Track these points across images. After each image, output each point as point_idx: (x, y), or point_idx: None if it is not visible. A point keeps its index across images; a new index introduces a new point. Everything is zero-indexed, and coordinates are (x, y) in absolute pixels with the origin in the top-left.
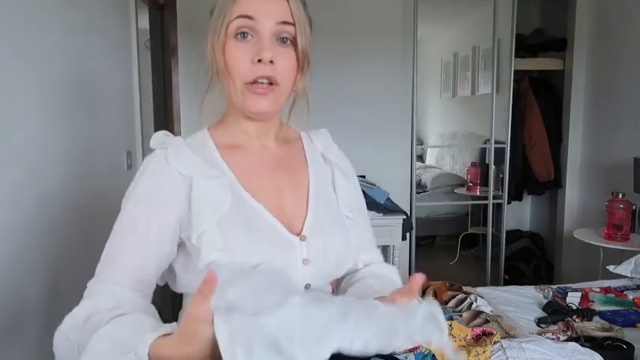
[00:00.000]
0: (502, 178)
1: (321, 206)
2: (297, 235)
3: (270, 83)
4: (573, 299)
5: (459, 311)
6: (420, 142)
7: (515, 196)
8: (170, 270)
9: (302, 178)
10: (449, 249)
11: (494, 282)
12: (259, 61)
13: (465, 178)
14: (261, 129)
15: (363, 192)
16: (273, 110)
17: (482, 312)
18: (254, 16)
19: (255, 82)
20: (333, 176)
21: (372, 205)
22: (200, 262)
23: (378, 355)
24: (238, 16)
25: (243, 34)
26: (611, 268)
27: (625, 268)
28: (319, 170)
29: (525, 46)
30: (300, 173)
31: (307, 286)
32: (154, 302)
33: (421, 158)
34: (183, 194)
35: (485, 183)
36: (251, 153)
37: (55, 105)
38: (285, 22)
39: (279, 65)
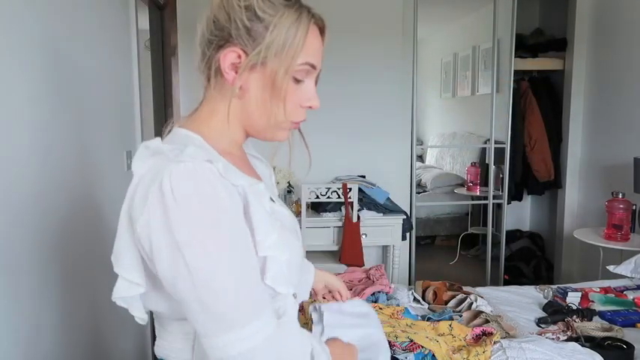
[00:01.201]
0: (502, 178)
1: (278, 201)
2: None
3: None
4: (573, 299)
5: (459, 311)
6: (420, 142)
7: (515, 196)
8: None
9: (259, 178)
10: (449, 249)
11: (494, 282)
12: (309, 107)
13: (465, 178)
14: (243, 139)
15: (363, 192)
16: None
17: (482, 312)
18: (317, 66)
19: (298, 122)
20: (263, 170)
21: (372, 205)
22: (267, 276)
23: None
24: (306, 64)
25: (300, 80)
26: (611, 268)
27: (625, 268)
28: (258, 169)
29: (525, 46)
30: (257, 175)
31: None
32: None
33: (421, 158)
34: (242, 206)
35: (485, 183)
36: (239, 159)
37: (54, 105)
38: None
39: None
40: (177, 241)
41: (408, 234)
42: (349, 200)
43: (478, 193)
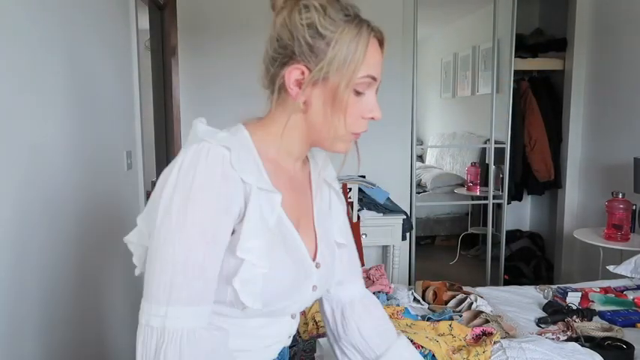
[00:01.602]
0: (502, 178)
1: (323, 234)
2: (313, 261)
3: None
4: (573, 299)
5: (459, 311)
6: (420, 142)
7: (515, 196)
8: None
9: (309, 202)
10: (449, 249)
11: (494, 282)
12: (371, 118)
13: (465, 178)
14: (304, 153)
15: (363, 192)
16: None
17: (482, 312)
18: (377, 78)
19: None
20: (330, 201)
21: (372, 205)
22: (237, 278)
23: None
24: (367, 76)
25: (361, 92)
26: (611, 268)
27: (625, 268)
28: (320, 195)
29: (525, 46)
30: (308, 197)
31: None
32: None
33: (421, 158)
34: (241, 202)
35: (485, 183)
36: (285, 171)
37: (54, 105)
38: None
39: None
40: (161, 203)
41: (408, 234)
42: (349, 200)
43: (478, 193)
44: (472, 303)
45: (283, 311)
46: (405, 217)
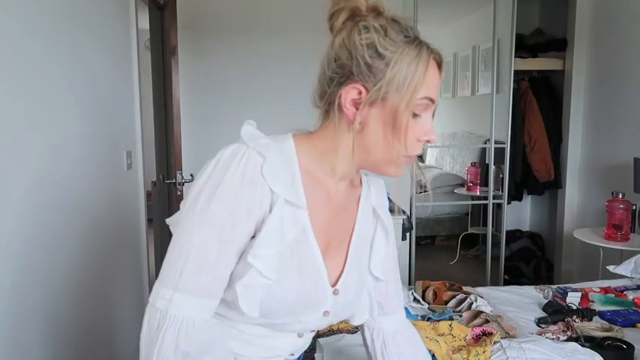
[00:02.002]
0: (502, 178)
1: (355, 263)
2: (332, 287)
3: None
4: (573, 299)
5: (459, 311)
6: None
7: (515, 196)
8: None
9: (349, 226)
10: (449, 249)
11: (495, 282)
12: (427, 140)
13: (465, 178)
14: (350, 174)
15: None
16: None
17: (482, 312)
18: (435, 100)
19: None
20: (374, 232)
21: None
22: (241, 282)
23: None
24: (425, 98)
25: (418, 114)
26: (611, 268)
27: (625, 268)
28: (365, 223)
29: (525, 46)
30: (349, 222)
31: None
32: None
33: (421, 158)
34: (266, 209)
35: (485, 183)
36: (326, 190)
37: (54, 105)
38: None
39: None
40: (191, 192)
41: (408, 234)
42: None
43: (478, 193)
44: (472, 303)
45: (285, 327)
46: (405, 217)
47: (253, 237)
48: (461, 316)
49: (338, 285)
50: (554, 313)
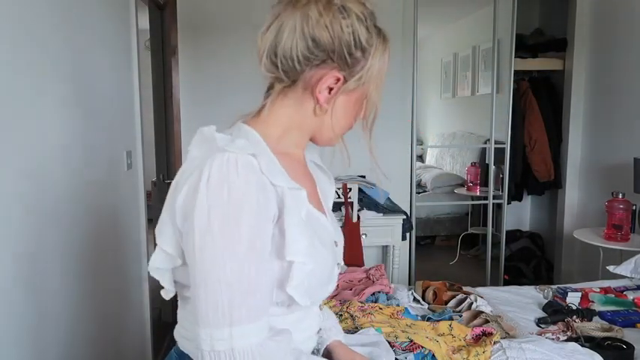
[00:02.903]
0: (502, 178)
1: (329, 212)
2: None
3: None
4: (573, 299)
5: (459, 311)
6: (420, 142)
7: (515, 196)
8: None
9: (313, 185)
10: (449, 249)
11: (494, 282)
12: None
13: (465, 178)
14: (306, 144)
15: (363, 192)
16: None
17: (482, 312)
18: None
19: None
20: (318, 180)
21: (372, 205)
22: (289, 284)
23: None
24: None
25: None
26: (611, 268)
27: (625, 269)
28: (318, 178)
29: (525, 46)
30: (312, 181)
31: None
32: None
33: (421, 158)
34: (275, 206)
35: (485, 183)
36: (297, 161)
37: (54, 105)
38: None
39: None
40: (196, 224)
41: (408, 234)
42: (349, 200)
43: (478, 193)
44: (472, 303)
45: (319, 300)
46: (405, 217)
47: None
48: (461, 316)
49: (335, 237)
50: (554, 313)
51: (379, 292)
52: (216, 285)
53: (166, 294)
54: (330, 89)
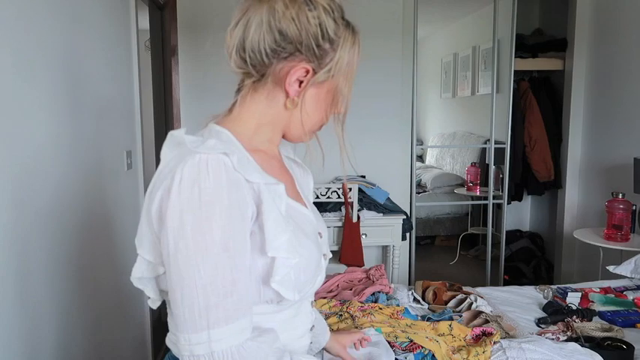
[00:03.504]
0: (502, 178)
1: (311, 205)
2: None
3: None
4: (573, 299)
5: (459, 311)
6: (420, 142)
7: (515, 196)
8: None
9: (291, 179)
10: (449, 249)
11: (494, 282)
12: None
13: (465, 178)
14: (280, 140)
15: (363, 192)
16: None
17: (482, 312)
18: None
19: None
20: (295, 174)
21: (372, 205)
22: (273, 279)
23: None
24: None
25: None
26: (611, 268)
27: (625, 269)
28: (295, 172)
29: (525, 46)
30: (290, 176)
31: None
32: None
33: (421, 158)
34: (252, 204)
35: (485, 183)
36: (272, 157)
37: (54, 105)
38: None
39: None
40: (168, 227)
41: (408, 234)
42: (349, 200)
43: (478, 194)
44: (472, 303)
45: (308, 294)
46: (405, 217)
47: (251, 234)
48: (461, 316)
49: (319, 229)
50: (554, 314)
51: (379, 292)
52: (192, 288)
53: (153, 303)
54: (300, 82)
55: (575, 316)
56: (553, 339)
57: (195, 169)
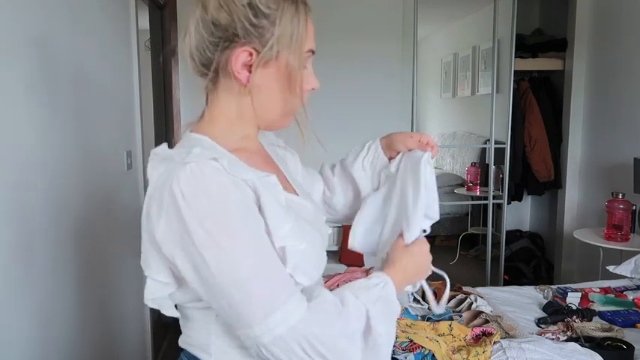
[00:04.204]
0: (502, 178)
1: (301, 191)
2: None
3: None
4: (573, 299)
5: (459, 311)
6: None
7: (515, 196)
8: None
9: (278, 170)
10: (449, 249)
11: (494, 282)
12: (312, 89)
13: (465, 178)
14: (257, 132)
15: None
16: None
17: (482, 312)
18: (315, 51)
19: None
20: (285, 158)
21: None
22: (288, 264)
23: None
24: (309, 51)
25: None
26: (611, 268)
27: (625, 269)
28: (277, 158)
29: (525, 46)
30: (276, 167)
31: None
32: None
33: None
34: (255, 200)
35: (485, 183)
36: (254, 153)
37: (54, 105)
38: None
39: None
40: (195, 243)
41: None
42: None
43: (478, 194)
44: (472, 303)
45: (317, 279)
46: None
47: None
48: (461, 316)
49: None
50: (554, 314)
51: None
52: (240, 287)
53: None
54: (250, 67)
55: (575, 316)
56: (553, 339)
57: (192, 179)
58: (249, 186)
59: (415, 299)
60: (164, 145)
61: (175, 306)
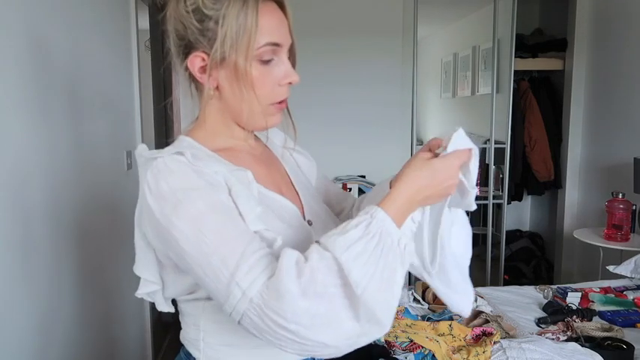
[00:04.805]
0: (502, 178)
1: (306, 193)
2: (304, 220)
3: None
4: (573, 299)
5: None
6: (420, 142)
7: (515, 196)
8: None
9: (282, 170)
10: None
11: (494, 282)
12: (289, 83)
13: None
14: (248, 133)
15: (363, 192)
16: None
17: (482, 312)
18: (280, 42)
19: (281, 101)
20: (297, 162)
21: None
22: (275, 243)
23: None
24: (267, 44)
25: (268, 60)
26: (611, 268)
27: (625, 269)
28: (288, 161)
29: (525, 46)
30: (279, 166)
31: None
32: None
33: None
34: (224, 184)
35: (485, 183)
36: (243, 153)
37: (54, 105)
38: (292, 44)
39: None
40: (164, 227)
41: None
42: None
43: (478, 193)
44: None
45: None
46: None
47: None
48: (461, 316)
49: (307, 216)
50: (554, 313)
51: None
52: (209, 261)
53: (163, 308)
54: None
55: (575, 316)
56: (553, 339)
57: (156, 171)
58: (221, 178)
59: (415, 299)
60: (143, 146)
61: (175, 304)
